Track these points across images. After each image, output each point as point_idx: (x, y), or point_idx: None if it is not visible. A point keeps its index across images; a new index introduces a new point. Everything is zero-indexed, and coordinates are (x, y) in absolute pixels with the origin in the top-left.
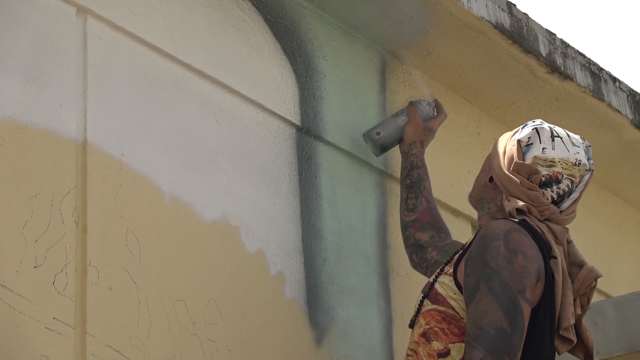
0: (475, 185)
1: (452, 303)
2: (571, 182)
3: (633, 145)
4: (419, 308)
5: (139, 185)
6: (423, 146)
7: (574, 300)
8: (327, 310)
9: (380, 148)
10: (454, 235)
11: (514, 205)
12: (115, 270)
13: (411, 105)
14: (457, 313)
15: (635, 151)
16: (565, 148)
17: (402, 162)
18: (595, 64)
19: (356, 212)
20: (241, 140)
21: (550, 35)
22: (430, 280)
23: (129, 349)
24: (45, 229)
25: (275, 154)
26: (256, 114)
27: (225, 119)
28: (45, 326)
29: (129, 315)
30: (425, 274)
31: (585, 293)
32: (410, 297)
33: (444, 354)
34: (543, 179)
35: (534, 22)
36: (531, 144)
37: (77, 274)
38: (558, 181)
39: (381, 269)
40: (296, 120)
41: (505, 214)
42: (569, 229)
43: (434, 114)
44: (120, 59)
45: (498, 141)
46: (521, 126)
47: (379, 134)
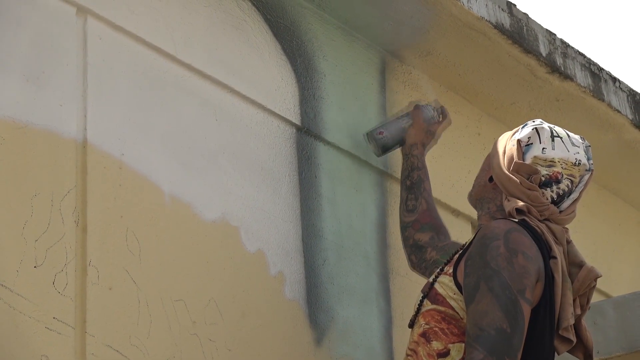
0: (475, 185)
1: (452, 303)
2: (571, 182)
3: (633, 145)
4: (419, 308)
5: (139, 185)
6: (424, 148)
7: (574, 300)
8: (327, 310)
9: (382, 148)
10: (454, 235)
11: (514, 205)
12: (115, 270)
13: (416, 108)
14: (457, 313)
15: (635, 151)
16: (565, 148)
17: (403, 164)
18: (595, 64)
19: (356, 212)
20: (241, 140)
21: (550, 35)
22: (430, 280)
23: (129, 349)
24: (45, 228)
25: (275, 154)
26: (256, 114)
27: (225, 119)
28: (45, 326)
29: (129, 315)
30: (423, 275)
31: (585, 293)
32: (410, 297)
33: (443, 354)
34: (543, 179)
35: (534, 22)
36: (531, 144)
37: (77, 274)
38: (558, 181)
39: (381, 269)
40: (296, 120)
41: (505, 214)
42: (569, 229)
43: (439, 119)
44: (120, 59)
45: (498, 141)
46: (521, 126)
47: (381, 133)
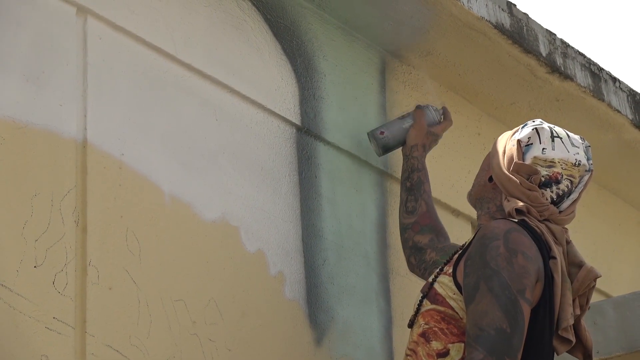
0: (474, 185)
1: (452, 303)
2: (571, 183)
3: (633, 145)
4: (418, 308)
5: (139, 185)
6: (425, 150)
7: (573, 300)
8: (327, 310)
9: (383, 148)
10: (454, 235)
11: (514, 205)
12: (115, 270)
13: (418, 109)
14: (457, 313)
15: (635, 151)
16: (565, 148)
17: (403, 164)
18: (595, 64)
19: (356, 212)
20: (241, 140)
21: (550, 35)
22: (430, 280)
23: (128, 349)
24: (45, 228)
25: (275, 154)
26: (256, 114)
27: (225, 119)
28: (45, 326)
29: (129, 315)
30: (422, 277)
31: (585, 293)
32: (410, 297)
33: (443, 354)
34: (543, 179)
35: (534, 22)
36: (531, 144)
37: (77, 274)
38: (558, 181)
39: (381, 269)
40: (296, 120)
41: (505, 214)
42: (568, 229)
43: (440, 119)
44: (120, 59)
45: (498, 141)
46: (521, 126)
47: (382, 133)
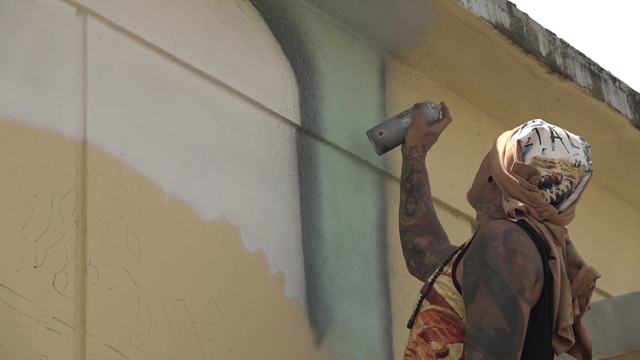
0: (474, 184)
1: (451, 303)
2: (570, 183)
3: (633, 145)
4: (418, 308)
5: (139, 185)
6: (424, 150)
7: (573, 300)
8: (327, 310)
9: (382, 148)
10: (454, 235)
11: (513, 205)
12: (115, 270)
13: (416, 108)
14: (456, 313)
15: (635, 151)
16: (565, 149)
17: (403, 165)
18: (595, 64)
19: (356, 212)
20: (241, 140)
21: (550, 35)
22: (429, 280)
23: (128, 349)
24: (45, 228)
25: (275, 154)
26: (256, 114)
27: (225, 119)
28: (45, 326)
29: (129, 315)
30: (423, 280)
31: (584, 293)
32: (410, 297)
33: (442, 354)
34: (542, 180)
35: (534, 22)
36: (531, 145)
37: (77, 274)
38: (557, 182)
39: (381, 268)
40: (296, 120)
41: (504, 214)
42: (568, 230)
43: (439, 116)
44: (120, 59)
45: (498, 141)
46: (521, 126)
47: (381, 134)
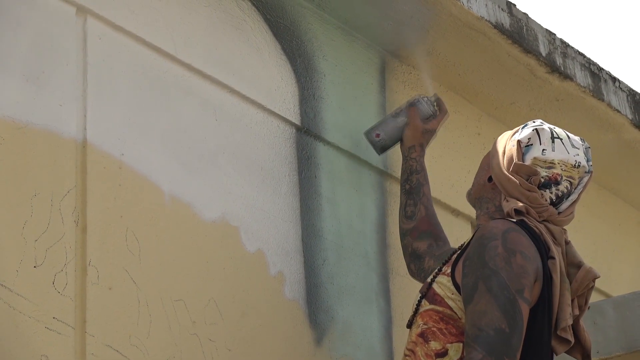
0: (474, 184)
1: (450, 303)
2: (570, 184)
3: (633, 145)
4: (417, 308)
5: (138, 185)
6: (423, 149)
7: (572, 300)
8: (327, 310)
9: (381, 149)
10: (454, 235)
11: (513, 205)
12: (115, 270)
13: (410, 106)
14: (455, 313)
15: (635, 151)
16: (565, 150)
17: (402, 165)
18: (595, 64)
19: (356, 212)
20: (241, 140)
21: (550, 35)
22: (428, 280)
23: (128, 349)
24: (45, 228)
25: (275, 154)
26: (256, 114)
27: (225, 119)
28: (45, 326)
29: (129, 315)
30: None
31: (583, 294)
32: (410, 297)
33: (441, 354)
34: (542, 180)
35: (534, 22)
36: (531, 145)
37: (77, 274)
38: (557, 183)
39: (381, 268)
40: (296, 120)
41: (504, 214)
42: (567, 230)
43: (435, 110)
44: (120, 59)
45: (498, 141)
46: (521, 126)
47: (378, 135)
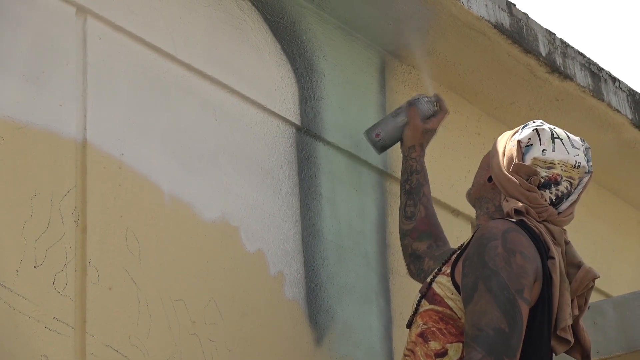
0: (473, 183)
1: (450, 303)
2: (570, 184)
3: (633, 145)
4: (417, 308)
5: (138, 185)
6: (423, 149)
7: (572, 300)
8: (327, 310)
9: (381, 149)
10: (454, 235)
11: (513, 205)
12: (115, 270)
13: (410, 106)
14: (455, 313)
15: (635, 151)
16: (565, 150)
17: (402, 164)
18: (595, 64)
19: (356, 212)
20: (241, 140)
21: (550, 35)
22: (428, 280)
23: (128, 349)
24: (45, 228)
25: (275, 153)
26: (256, 114)
27: (225, 119)
28: (45, 326)
29: (129, 315)
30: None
31: (583, 294)
32: (409, 297)
33: (441, 354)
34: (542, 181)
35: (534, 22)
36: (531, 145)
37: (77, 274)
38: (557, 183)
39: (381, 268)
40: (296, 120)
41: (503, 214)
42: (567, 230)
43: (435, 109)
44: (120, 59)
45: (498, 140)
46: (521, 126)
47: (378, 135)
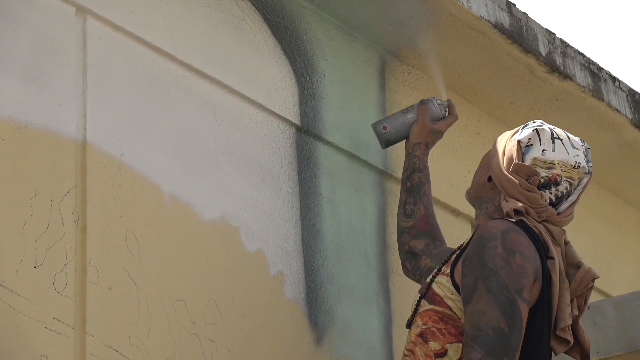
0: (473, 183)
1: (449, 303)
2: (570, 185)
3: (633, 145)
4: (416, 308)
5: (138, 185)
6: (427, 148)
7: (571, 301)
8: (327, 310)
9: (385, 142)
10: (454, 235)
11: (512, 205)
12: (115, 270)
13: (421, 104)
14: (455, 313)
15: (635, 151)
16: (565, 150)
17: (405, 162)
18: (595, 64)
19: (356, 212)
20: (241, 140)
21: (550, 35)
22: (427, 280)
23: (128, 349)
24: (44, 228)
25: (275, 153)
26: (256, 114)
27: (225, 119)
28: (45, 326)
29: (129, 315)
30: (418, 282)
31: (583, 294)
32: (409, 297)
33: (441, 354)
34: (542, 181)
35: (534, 22)
36: (531, 145)
37: (77, 274)
38: (557, 183)
39: (381, 268)
40: (296, 120)
41: (503, 214)
42: (567, 230)
43: (445, 114)
44: (120, 59)
45: (498, 140)
46: (521, 126)
47: (385, 128)
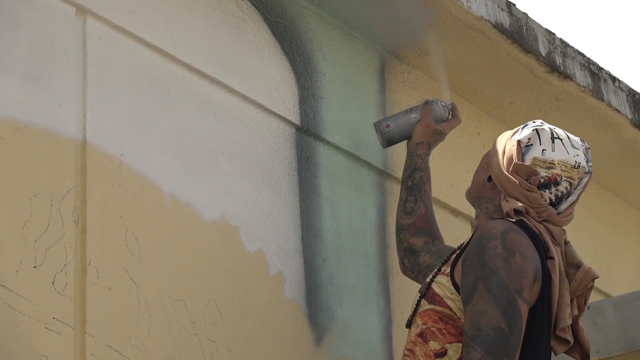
0: (473, 183)
1: (449, 303)
2: (570, 185)
3: (633, 145)
4: (416, 308)
5: (138, 185)
6: (430, 148)
7: (571, 301)
8: (327, 310)
9: (387, 141)
10: (454, 235)
11: (512, 205)
12: (115, 270)
13: (426, 105)
14: (454, 313)
15: (635, 151)
16: (565, 150)
17: (406, 161)
18: (595, 64)
19: (356, 212)
20: (241, 140)
21: (550, 35)
22: (427, 280)
23: (128, 349)
24: (44, 228)
25: (275, 153)
26: (256, 114)
27: (225, 119)
28: (45, 326)
29: (129, 315)
30: (415, 279)
31: (583, 294)
32: (409, 297)
33: (441, 354)
34: (542, 181)
35: (534, 22)
36: (531, 145)
37: (77, 274)
38: (557, 183)
39: (381, 268)
40: (296, 120)
41: (503, 214)
42: (567, 230)
43: (448, 116)
44: (119, 59)
45: (497, 140)
46: (521, 126)
47: (388, 126)
